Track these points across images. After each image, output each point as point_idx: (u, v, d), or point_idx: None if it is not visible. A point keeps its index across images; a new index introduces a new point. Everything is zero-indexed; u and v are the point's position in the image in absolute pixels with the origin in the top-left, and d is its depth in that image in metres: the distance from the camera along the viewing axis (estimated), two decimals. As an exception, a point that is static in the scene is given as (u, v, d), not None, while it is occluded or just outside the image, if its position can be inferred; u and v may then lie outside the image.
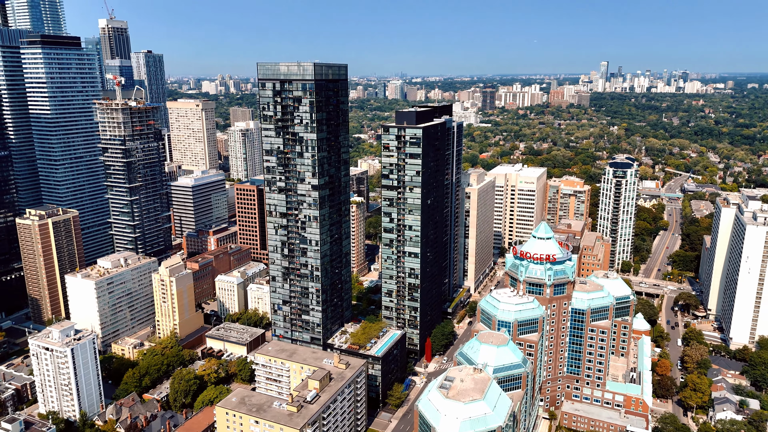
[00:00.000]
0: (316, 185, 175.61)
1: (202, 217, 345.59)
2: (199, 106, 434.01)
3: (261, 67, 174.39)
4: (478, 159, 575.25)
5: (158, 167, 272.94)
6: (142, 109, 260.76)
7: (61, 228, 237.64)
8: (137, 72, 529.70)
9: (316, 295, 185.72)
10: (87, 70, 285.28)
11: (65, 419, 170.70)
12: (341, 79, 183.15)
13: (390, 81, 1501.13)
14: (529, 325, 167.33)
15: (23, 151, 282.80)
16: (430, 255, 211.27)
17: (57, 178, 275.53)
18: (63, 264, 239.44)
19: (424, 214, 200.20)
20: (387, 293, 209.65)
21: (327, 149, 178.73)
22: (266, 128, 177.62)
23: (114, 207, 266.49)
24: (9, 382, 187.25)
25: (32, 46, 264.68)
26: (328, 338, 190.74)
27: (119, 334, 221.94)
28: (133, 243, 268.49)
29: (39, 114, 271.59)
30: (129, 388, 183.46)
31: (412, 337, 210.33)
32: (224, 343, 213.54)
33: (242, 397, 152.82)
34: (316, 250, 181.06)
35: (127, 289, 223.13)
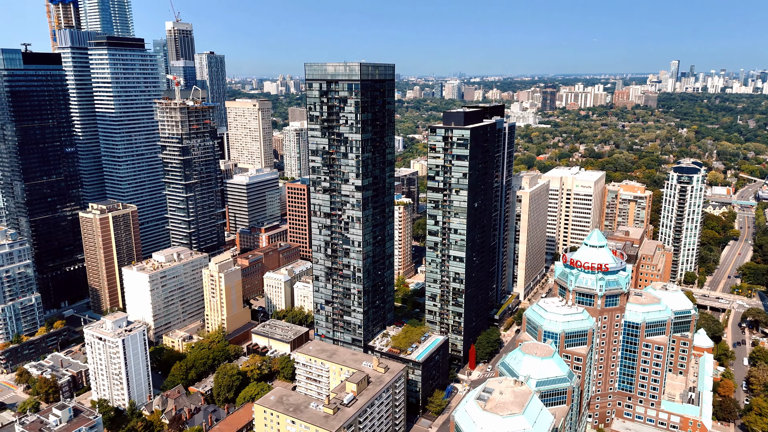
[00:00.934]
0: (360, 186, 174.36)
1: (255, 215, 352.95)
2: (256, 106, 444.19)
3: (308, 68, 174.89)
4: (535, 161, 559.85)
5: (213, 165, 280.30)
6: (199, 108, 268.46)
7: (121, 222, 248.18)
8: (200, 72, 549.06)
9: (357, 296, 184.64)
10: (149, 70, 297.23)
11: (115, 407, 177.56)
12: (388, 79, 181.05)
13: (447, 81, 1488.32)
14: (577, 337, 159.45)
15: (90, 148, 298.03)
16: (476, 259, 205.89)
17: (120, 174, 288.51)
18: (121, 256, 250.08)
19: (471, 218, 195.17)
20: (431, 297, 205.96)
21: (371, 150, 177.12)
22: (312, 128, 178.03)
23: (171, 203, 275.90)
24: (66, 368, 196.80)
25: (99, 47, 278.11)
26: (369, 340, 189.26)
27: (171, 327, 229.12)
28: (187, 238, 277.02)
29: (104, 112, 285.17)
30: (176, 380, 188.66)
31: (456, 343, 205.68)
32: (269, 339, 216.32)
33: (280, 396, 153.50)
34: (359, 251, 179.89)
35: (179, 283, 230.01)
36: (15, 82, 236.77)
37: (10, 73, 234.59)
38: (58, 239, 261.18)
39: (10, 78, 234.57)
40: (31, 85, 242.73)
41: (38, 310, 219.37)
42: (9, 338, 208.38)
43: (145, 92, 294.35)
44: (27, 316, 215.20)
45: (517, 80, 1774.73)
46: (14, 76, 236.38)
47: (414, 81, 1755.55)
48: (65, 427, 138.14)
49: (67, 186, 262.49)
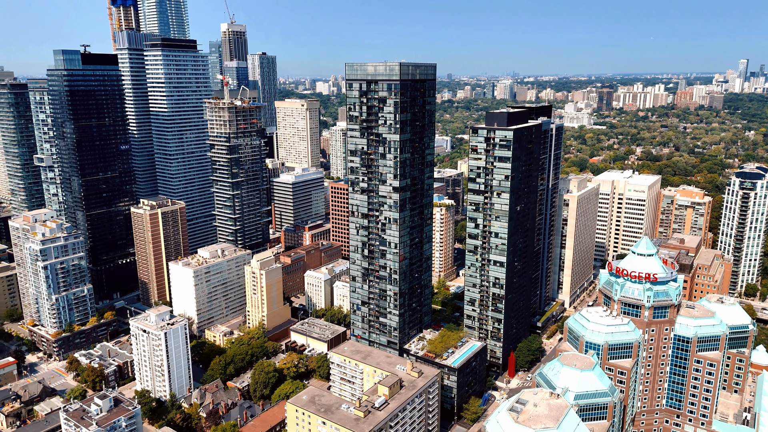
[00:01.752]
0: (397, 187, 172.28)
1: (300, 213, 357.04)
2: (304, 106, 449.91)
3: (349, 68, 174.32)
4: (588, 163, 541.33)
5: (260, 164, 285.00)
6: (247, 108, 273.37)
7: (169, 218, 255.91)
8: (252, 73, 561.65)
9: (393, 298, 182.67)
10: (201, 70, 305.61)
11: (157, 398, 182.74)
12: (429, 79, 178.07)
13: (500, 80, 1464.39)
14: (621, 349, 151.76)
15: (144, 146, 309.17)
16: (518, 264, 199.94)
17: (171, 171, 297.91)
18: (169, 251, 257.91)
19: (513, 221, 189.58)
20: (469, 302, 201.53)
21: (410, 151, 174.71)
22: (351, 129, 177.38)
23: (218, 200, 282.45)
24: (113, 358, 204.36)
25: (154, 48, 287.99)
26: (404, 343, 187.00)
27: (213, 321, 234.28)
28: (233, 235, 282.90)
29: (157, 111, 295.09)
30: (215, 374, 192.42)
31: (495, 350, 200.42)
32: (307, 338, 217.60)
33: (313, 396, 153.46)
34: (395, 252, 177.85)
35: (222, 278, 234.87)
36: (74, 82, 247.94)
37: (69, 73, 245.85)
38: (112, 233, 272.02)
39: (69, 78, 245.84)
40: (89, 84, 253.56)
41: (90, 301, 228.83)
42: (62, 327, 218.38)
43: (197, 92, 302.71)
44: (79, 307, 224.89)
45: (572, 80, 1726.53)
46: (73, 76, 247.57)
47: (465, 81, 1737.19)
48: (105, 416, 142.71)
49: (122, 182, 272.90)
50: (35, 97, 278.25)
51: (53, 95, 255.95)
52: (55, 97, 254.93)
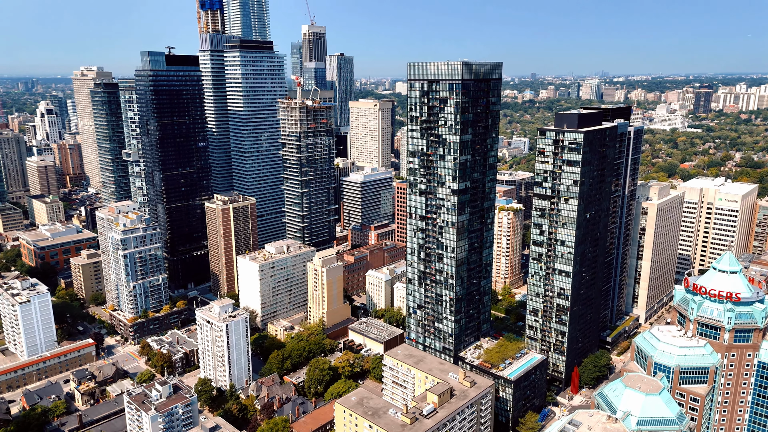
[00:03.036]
0: (456, 189, 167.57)
1: (368, 212, 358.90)
2: (377, 106, 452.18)
3: (411, 68, 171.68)
4: (677, 169, 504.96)
5: (328, 163, 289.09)
6: (317, 108, 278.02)
7: (240, 213, 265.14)
8: (330, 73, 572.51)
9: (449, 303, 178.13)
10: (276, 71, 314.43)
11: (218, 387, 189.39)
12: (493, 79, 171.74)
13: (586, 80, 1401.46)
14: (695, 374, 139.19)
15: (222, 143, 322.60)
16: (585, 275, 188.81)
17: (245, 168, 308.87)
18: (239, 245, 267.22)
19: (581, 229, 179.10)
20: (532, 312, 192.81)
21: (471, 152, 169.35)
22: (412, 129, 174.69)
23: (287, 197, 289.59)
24: (181, 345, 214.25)
25: (233, 50, 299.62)
26: (459, 351, 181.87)
27: (276, 316, 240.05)
28: (301, 232, 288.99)
29: (234, 110, 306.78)
30: (272, 368, 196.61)
31: (558, 364, 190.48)
32: (364, 338, 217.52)
33: (361, 398, 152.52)
34: (452, 257, 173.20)
35: (286, 274, 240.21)
36: (158, 82, 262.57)
37: (154, 74, 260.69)
38: (189, 226, 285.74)
39: (154, 78, 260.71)
40: (172, 84, 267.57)
41: (164, 289, 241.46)
42: (138, 313, 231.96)
43: (272, 92, 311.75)
44: (154, 294, 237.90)
45: (667, 79, 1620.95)
46: (158, 76, 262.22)
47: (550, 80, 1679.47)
48: (164, 402, 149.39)
49: (199, 177, 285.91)
50: (125, 96, 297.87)
51: (140, 94, 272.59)
52: (141, 96, 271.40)
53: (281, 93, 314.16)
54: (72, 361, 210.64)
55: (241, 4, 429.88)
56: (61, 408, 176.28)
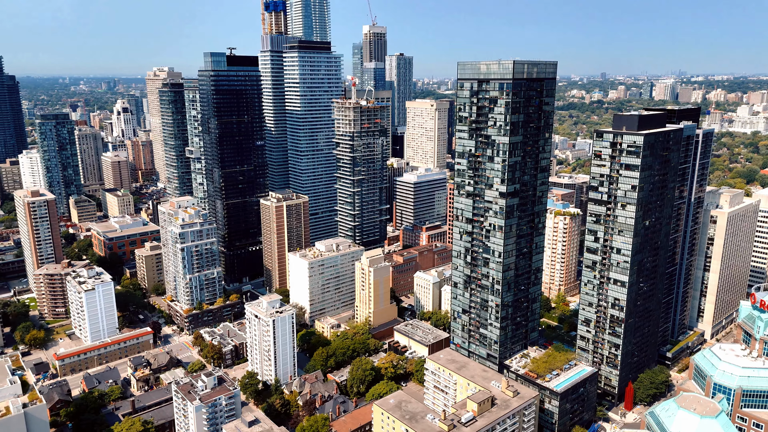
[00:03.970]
0: (504, 192, 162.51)
1: (421, 213, 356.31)
2: (433, 106, 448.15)
3: (461, 67, 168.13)
4: (757, 175, 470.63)
5: (381, 163, 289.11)
6: (371, 107, 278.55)
7: (293, 211, 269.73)
8: (389, 73, 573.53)
9: (495, 309, 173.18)
10: (333, 71, 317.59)
11: (263, 381, 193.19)
12: (547, 78, 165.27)
13: (660, 80, 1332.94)
14: (759, 397, 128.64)
15: (279, 142, 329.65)
16: (643, 285, 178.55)
17: (301, 166, 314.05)
18: (291, 242, 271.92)
19: (639, 237, 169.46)
20: (584, 322, 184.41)
21: (521, 154, 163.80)
22: (460, 130, 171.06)
23: (340, 196, 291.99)
24: (231, 338, 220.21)
25: (291, 50, 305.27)
26: (504, 358, 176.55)
27: (324, 313, 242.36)
28: (352, 231, 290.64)
29: (292, 110, 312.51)
30: (316, 365, 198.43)
31: (610, 378, 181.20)
32: (409, 339, 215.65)
33: (400, 401, 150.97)
34: (499, 261, 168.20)
35: (335, 272, 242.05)
36: (219, 82, 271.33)
37: (216, 74, 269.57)
38: (246, 222, 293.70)
39: (215, 78, 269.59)
40: (232, 84, 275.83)
41: (218, 283, 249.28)
42: (193, 304, 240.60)
43: (328, 92, 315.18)
44: (209, 287, 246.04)
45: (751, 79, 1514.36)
46: (219, 76, 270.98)
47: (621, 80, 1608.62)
48: (208, 393, 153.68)
49: (256, 175, 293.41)
50: (188, 95, 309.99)
51: (202, 93, 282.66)
52: (203, 95, 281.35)
53: (337, 93, 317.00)
54: (131, 348, 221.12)
55: (303, 6, 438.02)
56: (116, 392, 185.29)
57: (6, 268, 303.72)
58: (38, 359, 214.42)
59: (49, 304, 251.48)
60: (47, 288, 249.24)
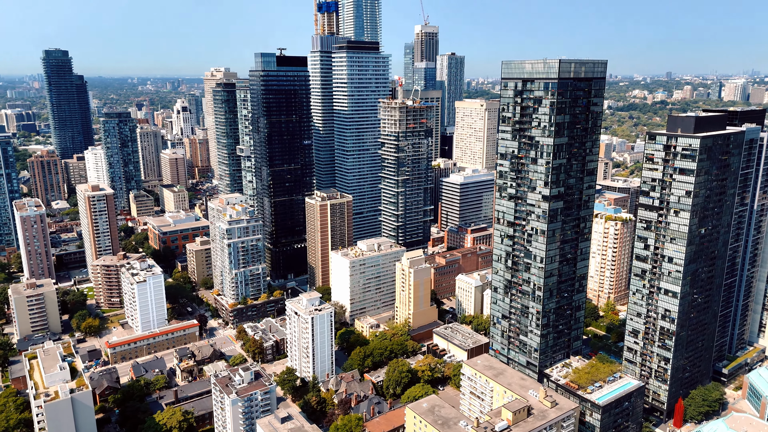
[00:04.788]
0: (547, 196, 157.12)
1: (468, 215, 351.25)
2: (483, 106, 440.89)
3: (505, 66, 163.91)
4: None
5: (426, 163, 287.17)
6: (417, 107, 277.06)
7: (337, 210, 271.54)
8: (440, 73, 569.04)
9: (536, 316, 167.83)
10: (381, 71, 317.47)
11: (301, 378, 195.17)
12: (596, 78, 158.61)
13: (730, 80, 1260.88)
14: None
15: (326, 141, 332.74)
16: (697, 297, 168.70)
17: (347, 166, 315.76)
18: (335, 241, 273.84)
19: (693, 246, 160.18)
20: (632, 333, 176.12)
21: (567, 156, 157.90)
22: (503, 130, 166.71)
23: (384, 196, 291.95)
24: (273, 333, 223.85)
25: (340, 50, 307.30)
26: (545, 367, 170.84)
27: (365, 312, 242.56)
28: (395, 231, 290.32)
29: (339, 110, 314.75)
30: (353, 364, 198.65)
31: (658, 393, 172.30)
32: (448, 343, 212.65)
33: (433, 405, 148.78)
34: (540, 267, 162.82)
35: (376, 272, 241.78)
36: (269, 82, 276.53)
37: (265, 74, 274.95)
38: (292, 219, 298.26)
39: (265, 78, 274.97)
40: (281, 84, 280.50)
41: (263, 279, 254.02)
42: (238, 299, 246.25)
43: (375, 92, 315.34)
44: (254, 283, 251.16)
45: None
46: (269, 76, 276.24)
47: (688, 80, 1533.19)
48: (245, 387, 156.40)
49: (302, 174, 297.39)
50: (240, 95, 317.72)
51: (252, 93, 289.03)
52: (254, 94, 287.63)
53: (385, 93, 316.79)
54: (178, 339, 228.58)
55: (354, 7, 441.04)
56: (161, 382, 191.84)
57: (69, 258, 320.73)
58: (92, 346, 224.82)
59: (105, 293, 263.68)
60: (104, 278, 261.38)
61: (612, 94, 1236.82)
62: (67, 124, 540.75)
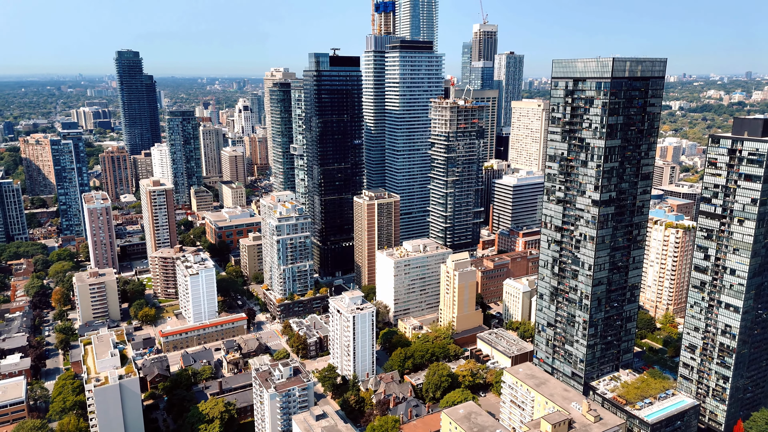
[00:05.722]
0: (597, 200, 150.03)
1: (520, 218, 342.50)
2: (540, 106, 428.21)
3: (556, 65, 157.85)
4: None
5: (476, 164, 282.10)
6: (469, 107, 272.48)
7: (384, 209, 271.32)
8: (497, 73, 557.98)
9: (582, 326, 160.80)
10: (434, 71, 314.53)
11: (342, 376, 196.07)
12: (654, 77, 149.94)
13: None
14: None
15: (377, 141, 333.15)
16: (762, 312, 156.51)
17: (396, 166, 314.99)
18: (381, 240, 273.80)
19: (758, 257, 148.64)
20: (688, 348, 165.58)
21: (619, 159, 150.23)
22: (553, 131, 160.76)
23: (432, 197, 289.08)
24: (317, 330, 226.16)
25: (393, 50, 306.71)
26: (591, 379, 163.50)
27: (409, 313, 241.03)
28: (443, 232, 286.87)
29: (391, 109, 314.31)
30: (394, 365, 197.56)
31: (716, 413, 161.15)
32: (492, 349, 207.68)
33: (470, 412, 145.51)
34: (588, 275, 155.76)
35: (421, 273, 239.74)
36: (322, 82, 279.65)
37: (318, 74, 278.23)
38: (341, 218, 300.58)
39: (318, 78, 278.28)
40: (334, 84, 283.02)
41: (310, 276, 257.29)
42: (285, 295, 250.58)
43: (428, 92, 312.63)
44: (301, 279, 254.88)
45: None
46: (322, 76, 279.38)
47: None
48: (284, 382, 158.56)
49: (353, 173, 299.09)
50: (295, 95, 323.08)
51: (306, 93, 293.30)
52: (307, 94, 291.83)
53: (437, 93, 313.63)
54: (226, 331, 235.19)
55: (411, 6, 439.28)
56: (207, 372, 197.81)
57: (132, 249, 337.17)
58: (147, 334, 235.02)
59: (162, 284, 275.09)
60: (161, 270, 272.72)
61: (685, 94, 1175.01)
62: (137, 121, 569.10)
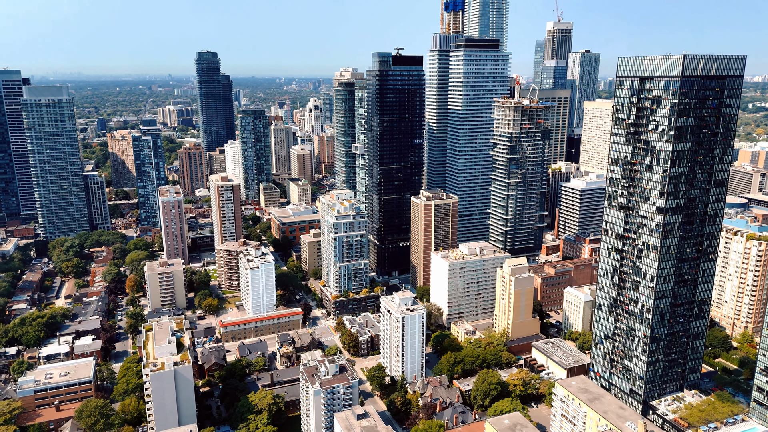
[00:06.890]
0: (662, 208, 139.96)
1: (588, 223, 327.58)
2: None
3: (621, 63, 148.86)
4: None
5: (540, 166, 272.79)
6: (534, 107, 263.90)
7: (441, 210, 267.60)
8: (571, 72, 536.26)
9: (642, 341, 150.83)
10: (500, 70, 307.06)
11: (391, 376, 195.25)
12: (731, 76, 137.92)
13: None
14: None
15: (439, 141, 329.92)
16: None
17: (458, 166, 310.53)
18: (438, 242, 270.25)
19: None
20: (763, 371, 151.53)
21: (689, 164, 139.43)
22: (616, 133, 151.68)
23: (493, 199, 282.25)
24: (369, 329, 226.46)
25: (457, 49, 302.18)
26: (651, 398, 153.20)
27: (463, 317, 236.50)
28: (503, 236, 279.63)
29: (454, 109, 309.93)
30: (443, 369, 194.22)
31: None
32: (547, 359, 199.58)
33: (515, 423, 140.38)
34: (651, 287, 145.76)
35: (476, 277, 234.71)
36: (384, 81, 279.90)
37: (381, 73, 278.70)
38: (399, 217, 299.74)
39: (380, 77, 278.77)
40: (396, 83, 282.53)
41: (365, 274, 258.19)
42: (340, 292, 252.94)
43: (492, 91, 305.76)
44: (356, 277, 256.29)
45: None
46: (385, 75, 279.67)
47: None
48: (329, 379, 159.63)
49: (412, 173, 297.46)
50: (358, 94, 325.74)
51: (368, 92, 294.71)
52: (369, 94, 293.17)
53: (503, 92, 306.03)
54: (282, 325, 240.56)
55: (480, 5, 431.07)
56: (261, 364, 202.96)
57: (202, 241, 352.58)
58: (209, 324, 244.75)
59: (225, 276, 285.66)
60: (225, 262, 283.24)
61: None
62: (213, 119, 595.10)
